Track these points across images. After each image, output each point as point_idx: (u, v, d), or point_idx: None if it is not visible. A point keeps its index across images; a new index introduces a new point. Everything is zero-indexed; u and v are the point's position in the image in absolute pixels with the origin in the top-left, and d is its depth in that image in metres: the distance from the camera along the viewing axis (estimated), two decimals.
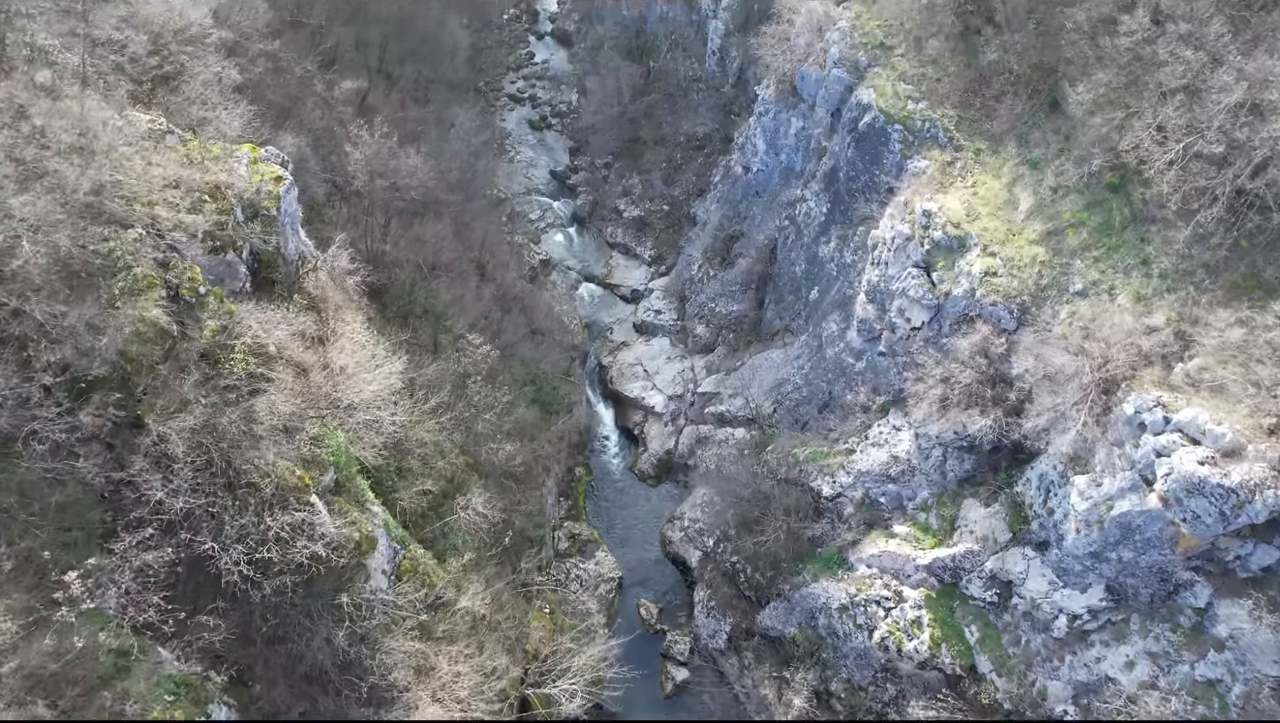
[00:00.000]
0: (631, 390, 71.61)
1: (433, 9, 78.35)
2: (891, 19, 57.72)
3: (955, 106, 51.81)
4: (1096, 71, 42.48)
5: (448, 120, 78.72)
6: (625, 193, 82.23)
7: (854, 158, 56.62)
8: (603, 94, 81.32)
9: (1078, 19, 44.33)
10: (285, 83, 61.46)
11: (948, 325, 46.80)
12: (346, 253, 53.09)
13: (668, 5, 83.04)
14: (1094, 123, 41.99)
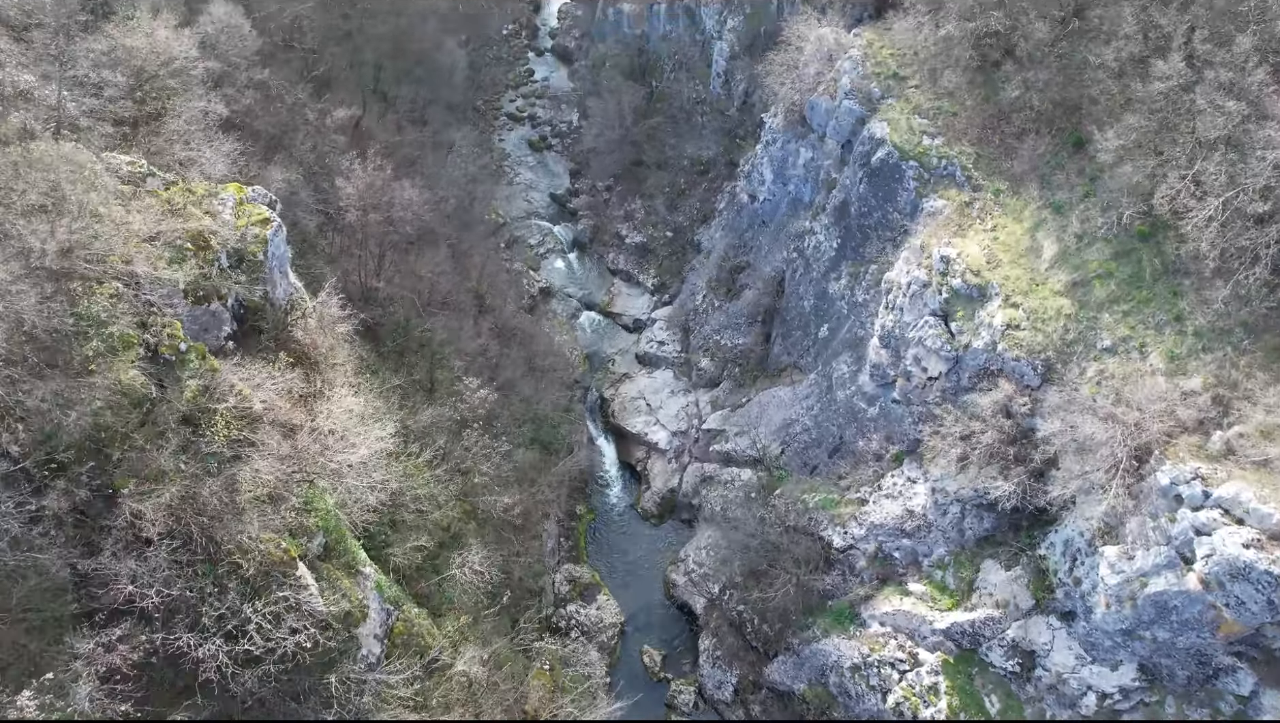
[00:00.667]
0: (634, 425, 69.46)
1: (429, 28, 76.13)
2: (905, 48, 55.52)
3: (973, 143, 49.62)
4: (1126, 115, 40.30)
5: (445, 144, 76.58)
6: (627, 217, 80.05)
7: (866, 193, 54.44)
8: (604, 117, 79.13)
9: (1105, 58, 42.12)
10: (275, 111, 59.26)
11: (967, 377, 44.64)
12: (337, 299, 50.98)
13: (671, 24, 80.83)
14: (1124, 171, 39.80)
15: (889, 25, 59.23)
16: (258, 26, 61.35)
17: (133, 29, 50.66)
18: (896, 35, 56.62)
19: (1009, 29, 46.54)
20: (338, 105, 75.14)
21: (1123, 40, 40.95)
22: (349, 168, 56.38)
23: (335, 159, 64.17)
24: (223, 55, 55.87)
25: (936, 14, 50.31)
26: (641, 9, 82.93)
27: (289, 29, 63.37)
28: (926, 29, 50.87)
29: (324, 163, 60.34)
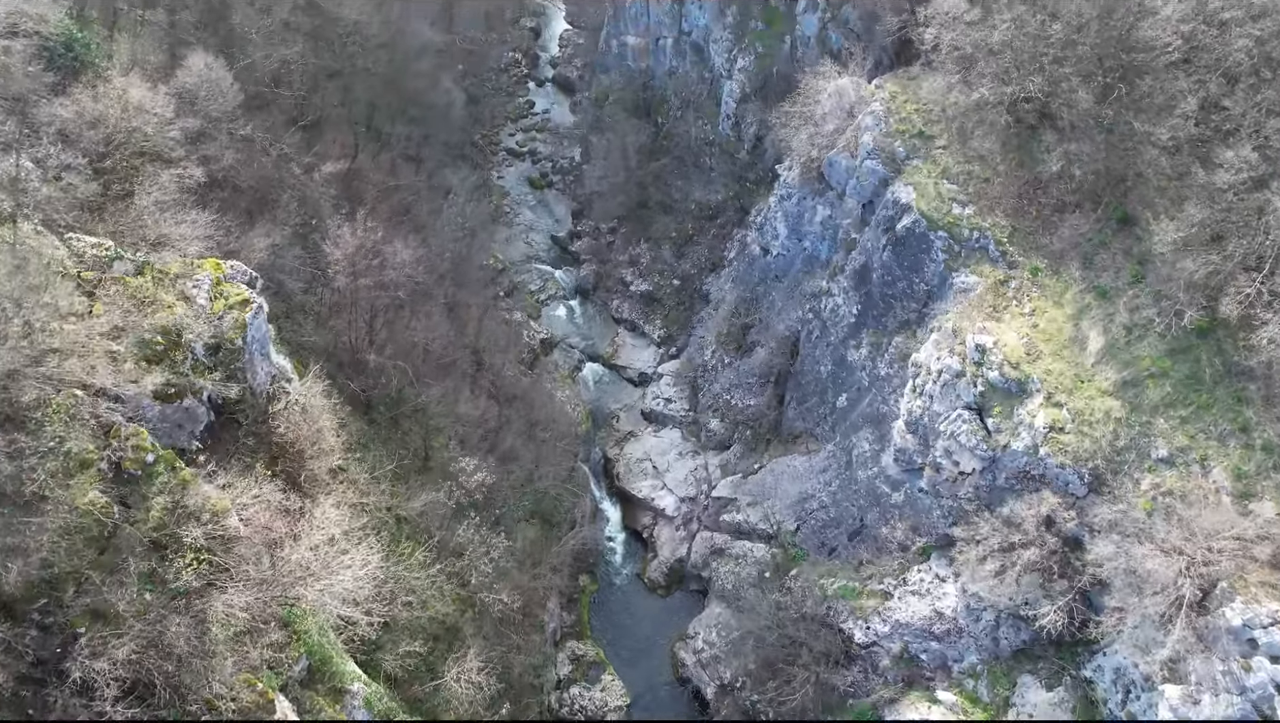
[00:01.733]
0: (640, 489, 65.96)
1: (423, 65, 72.58)
2: (931, 103, 51.97)
3: (1007, 215, 46.11)
4: (1186, 204, 36.79)
5: (442, 188, 73.04)
6: (632, 263, 76.51)
7: (890, 262, 50.92)
8: (607, 157, 75.52)
9: (1159, 137, 38.60)
10: (260, 166, 55.70)
11: (1003, 478, 41.18)
12: (323, 384, 47.64)
13: (677, 60, 77.25)
14: (1183, 266, 36.27)
15: (913, 74, 55.76)
16: (241, 76, 57.92)
17: (103, 92, 47.33)
18: (923, 89, 53.05)
19: (1048, 94, 43.00)
20: (329, 146, 71.68)
21: (1180, 119, 37.43)
22: (337, 232, 52.81)
23: (325, 214, 60.79)
24: (202, 110, 52.44)
25: (968, 73, 46.73)
26: (646, 43, 79.35)
27: (275, 75, 59.78)
28: (957, 90, 47.28)
29: (312, 222, 56.79)
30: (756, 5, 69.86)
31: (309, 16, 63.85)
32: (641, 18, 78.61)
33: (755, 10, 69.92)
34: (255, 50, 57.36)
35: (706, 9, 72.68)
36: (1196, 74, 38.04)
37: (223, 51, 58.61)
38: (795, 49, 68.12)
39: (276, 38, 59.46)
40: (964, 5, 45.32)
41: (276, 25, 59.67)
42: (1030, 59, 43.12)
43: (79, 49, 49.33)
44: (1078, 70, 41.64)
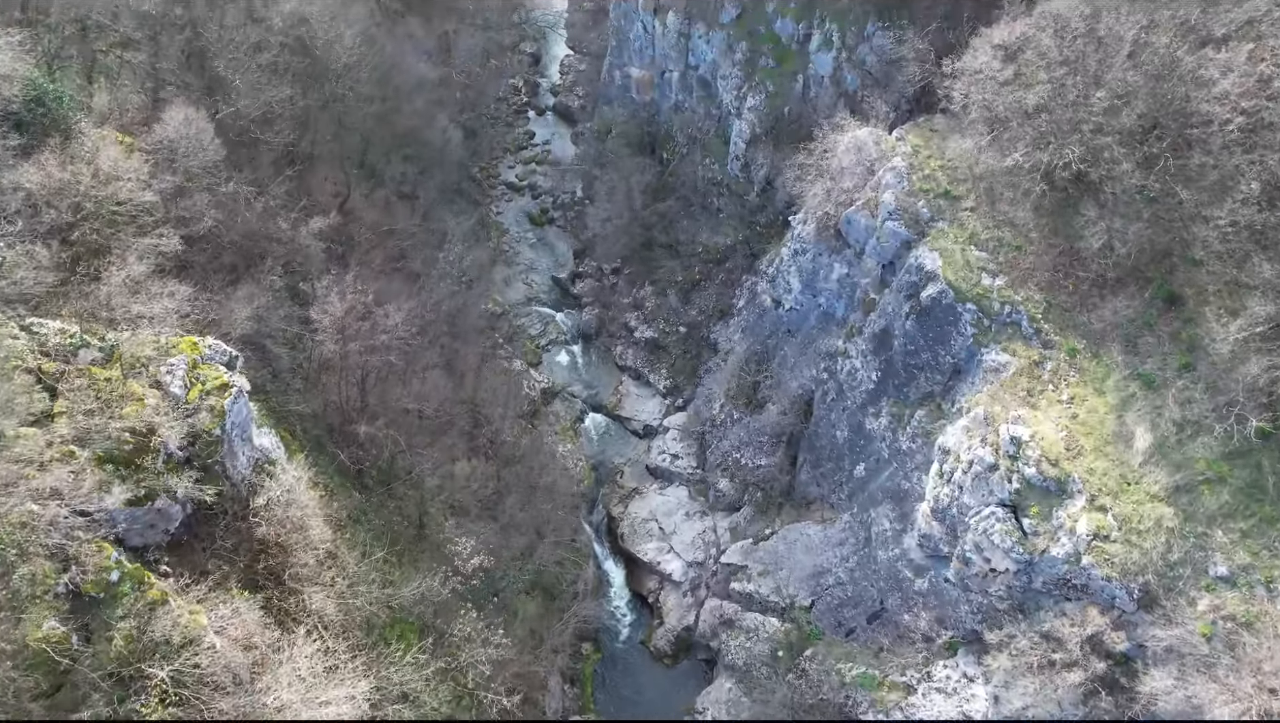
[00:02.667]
0: (645, 552, 62.88)
1: (417, 105, 69.41)
2: (957, 159, 48.86)
3: (1041, 288, 42.99)
4: (1249, 299, 33.68)
5: (439, 230, 69.87)
6: (636, 306, 73.37)
7: (914, 331, 47.82)
8: (611, 199, 72.39)
9: (1216, 219, 35.48)
10: (244, 222, 52.51)
11: (1040, 582, 38.13)
12: (309, 472, 44.62)
13: (683, 95, 74.06)
14: (1247, 369, 33.16)
15: (936, 125, 52.63)
16: (225, 125, 54.83)
17: (74, 152, 44.26)
18: (949, 146, 49.92)
19: (1088, 163, 39.85)
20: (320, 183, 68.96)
21: (1239, 202, 34.32)
22: (324, 297, 49.69)
23: (314, 270, 57.67)
24: (181, 167, 49.36)
25: (999, 135, 43.57)
26: (650, 76, 76.13)
27: (262, 118, 56.59)
28: (987, 153, 44.11)
29: (299, 285, 53.63)
30: (767, 42, 66.66)
31: (297, 56, 60.71)
32: (646, 50, 75.43)
33: (765, 47, 66.71)
34: (240, 98, 54.16)
35: (714, 44, 69.51)
36: (1258, 151, 34.91)
37: (207, 94, 55.68)
38: (808, 89, 64.96)
39: (264, 79, 56.30)
40: (996, 65, 42.13)
41: (264, 67, 56.51)
42: (1069, 125, 39.97)
43: (50, 103, 46.05)
44: (1122, 141, 38.52)
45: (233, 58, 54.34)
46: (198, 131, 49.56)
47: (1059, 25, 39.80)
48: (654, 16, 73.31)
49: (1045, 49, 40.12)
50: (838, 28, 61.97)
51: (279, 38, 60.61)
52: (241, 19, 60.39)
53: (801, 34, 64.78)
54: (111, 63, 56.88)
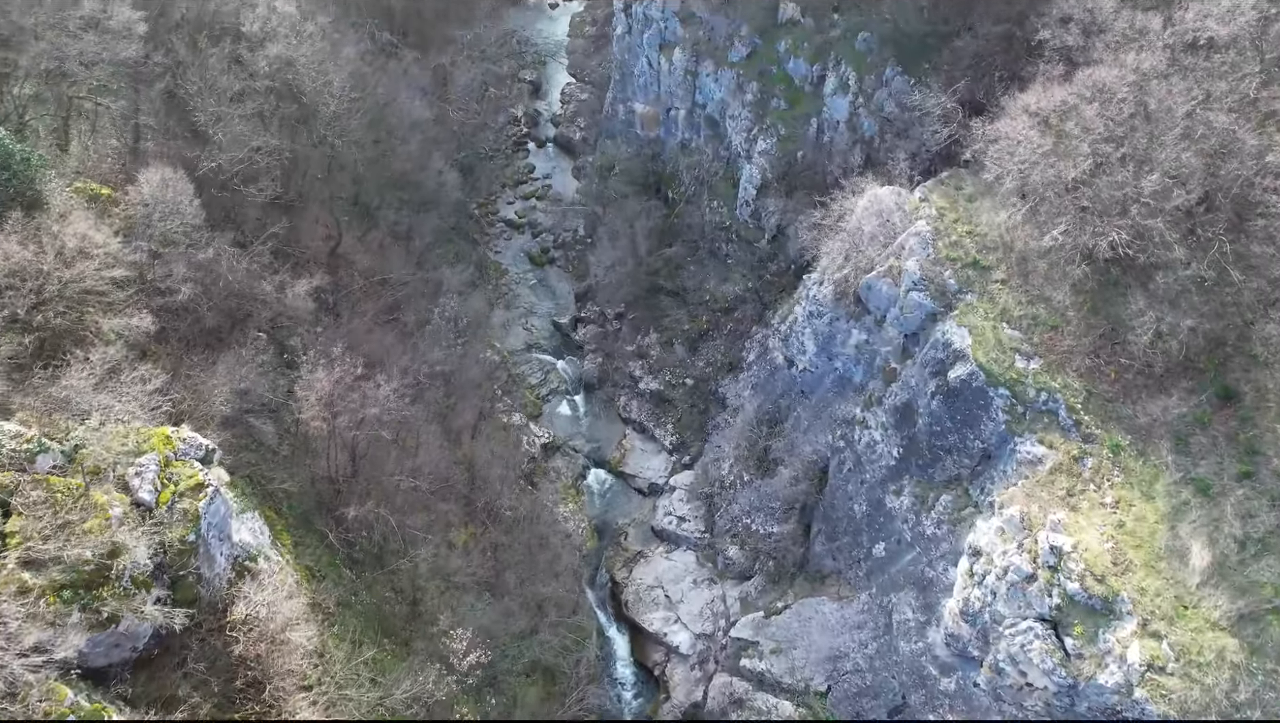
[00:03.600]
0: (651, 622, 59.77)
1: (411, 148, 66.21)
2: (985, 224, 45.69)
3: (1080, 375, 39.82)
4: None
5: (434, 279, 66.69)
6: (640, 355, 70.21)
7: (940, 412, 44.67)
8: (614, 243, 69.22)
9: None
10: (226, 286, 49.33)
11: (1085, 707, 34.98)
12: (293, 558, 41.71)
13: (690, 133, 70.83)
14: None
15: (961, 182, 49.48)
16: (207, 179, 51.74)
17: (40, 224, 41.22)
18: (979, 213, 46.72)
19: (1135, 246, 36.66)
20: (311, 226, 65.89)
21: None
22: (310, 371, 46.55)
23: (300, 332, 54.60)
24: (157, 233, 46.29)
25: (1036, 210, 40.37)
26: (656, 112, 72.95)
27: (245, 174, 53.38)
28: (1023, 229, 40.94)
29: (284, 356, 50.49)
30: (779, 83, 63.47)
31: (284, 102, 57.53)
32: (651, 86, 72.23)
33: (777, 88, 63.52)
34: (222, 152, 50.97)
35: (722, 83, 66.30)
36: None
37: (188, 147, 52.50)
38: (822, 133, 61.77)
39: (248, 130, 53.09)
40: (1033, 134, 38.92)
41: (249, 117, 53.32)
42: (1115, 204, 36.82)
43: (16, 166, 42.87)
44: (1174, 224, 35.36)
45: (214, 111, 51.14)
46: (175, 194, 46.53)
47: (1103, 97, 36.65)
48: (659, 53, 70.10)
49: (1089, 122, 36.96)
50: (854, 71, 58.77)
51: (265, 82, 57.56)
52: (225, 64, 57.33)
53: (815, 76, 61.60)
54: (89, 108, 53.90)
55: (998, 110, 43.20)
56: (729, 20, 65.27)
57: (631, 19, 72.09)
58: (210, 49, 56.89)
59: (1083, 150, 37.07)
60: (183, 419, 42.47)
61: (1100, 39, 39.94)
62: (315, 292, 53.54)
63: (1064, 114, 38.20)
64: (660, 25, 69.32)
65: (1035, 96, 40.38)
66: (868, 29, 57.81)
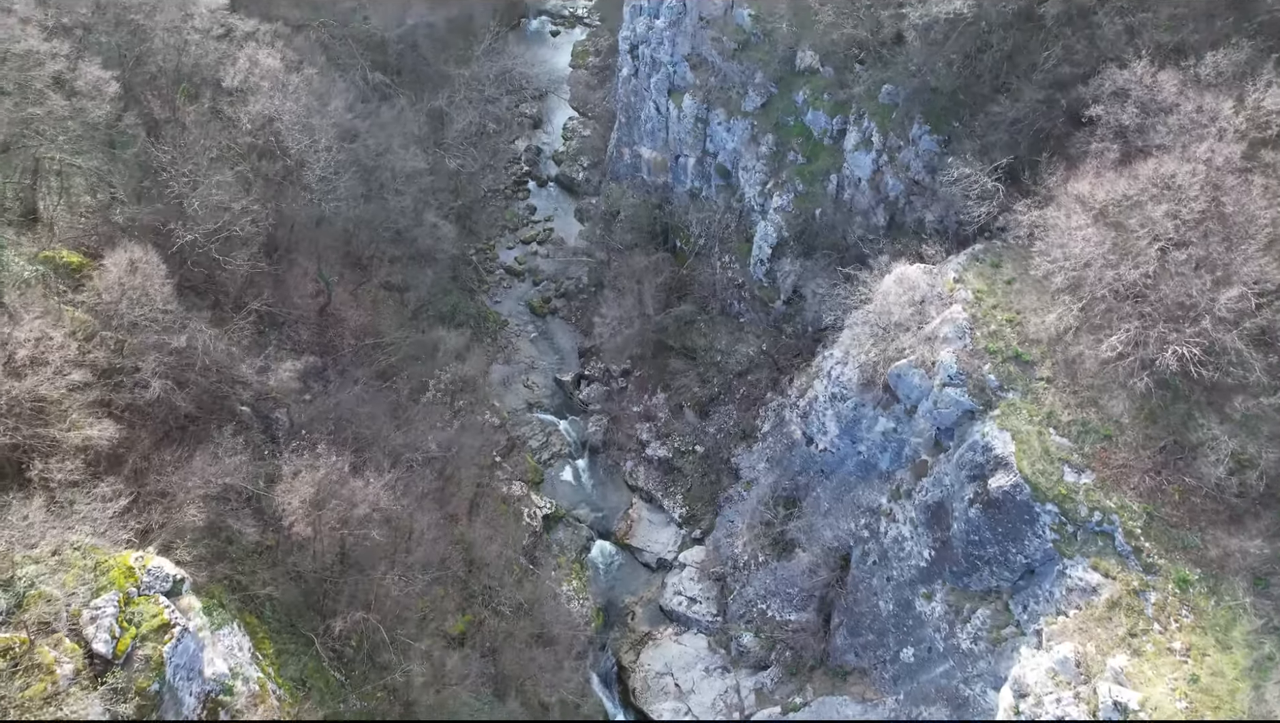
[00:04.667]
0: (660, 712, 56.03)
1: (405, 203, 62.35)
2: (1026, 310, 41.89)
3: (1140, 495, 36.04)
4: None
5: (430, 342, 62.84)
6: (648, 417, 66.44)
7: (979, 521, 40.89)
8: (620, 303, 65.37)
9: None
10: (201, 377, 45.53)
11: None
12: (275, 697, 38.03)
13: (700, 182, 67.00)
14: None
15: (997, 258, 45.68)
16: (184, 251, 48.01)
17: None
18: (1016, 290, 42.99)
19: (1209, 366, 32.83)
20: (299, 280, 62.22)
21: None
22: (292, 475, 42.77)
23: (285, 413, 50.90)
24: (126, 319, 42.53)
25: (1091, 312, 36.51)
26: (664, 159, 69.09)
27: (224, 243, 49.55)
28: (1077, 334, 37.07)
29: (265, 451, 46.69)
30: (796, 135, 59.58)
31: (266, 160, 53.71)
32: (659, 132, 68.33)
33: (795, 141, 59.63)
34: (200, 224, 47.12)
35: (735, 132, 62.41)
36: None
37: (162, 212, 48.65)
38: (842, 190, 57.89)
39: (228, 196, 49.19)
40: (1091, 232, 35.05)
41: (229, 184, 49.44)
42: (1185, 315, 33.00)
43: None
44: (1255, 341, 31.59)
45: (190, 179, 47.27)
46: (144, 279, 42.75)
47: (1173, 195, 32.83)
48: (668, 98, 66.20)
49: (1155, 222, 33.14)
50: (877, 126, 54.85)
51: (248, 139, 53.77)
52: (204, 121, 53.52)
53: (835, 129, 57.69)
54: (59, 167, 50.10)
55: (1044, 193, 39.37)
56: (742, 67, 61.36)
57: (638, 61, 68.19)
58: (188, 106, 53.16)
59: (1148, 253, 33.26)
60: (151, 536, 38.89)
61: (1162, 121, 36.09)
62: (301, 374, 49.78)
63: (1125, 208, 34.36)
64: (669, 70, 65.41)
65: (1089, 184, 36.51)
66: (892, 82, 53.87)
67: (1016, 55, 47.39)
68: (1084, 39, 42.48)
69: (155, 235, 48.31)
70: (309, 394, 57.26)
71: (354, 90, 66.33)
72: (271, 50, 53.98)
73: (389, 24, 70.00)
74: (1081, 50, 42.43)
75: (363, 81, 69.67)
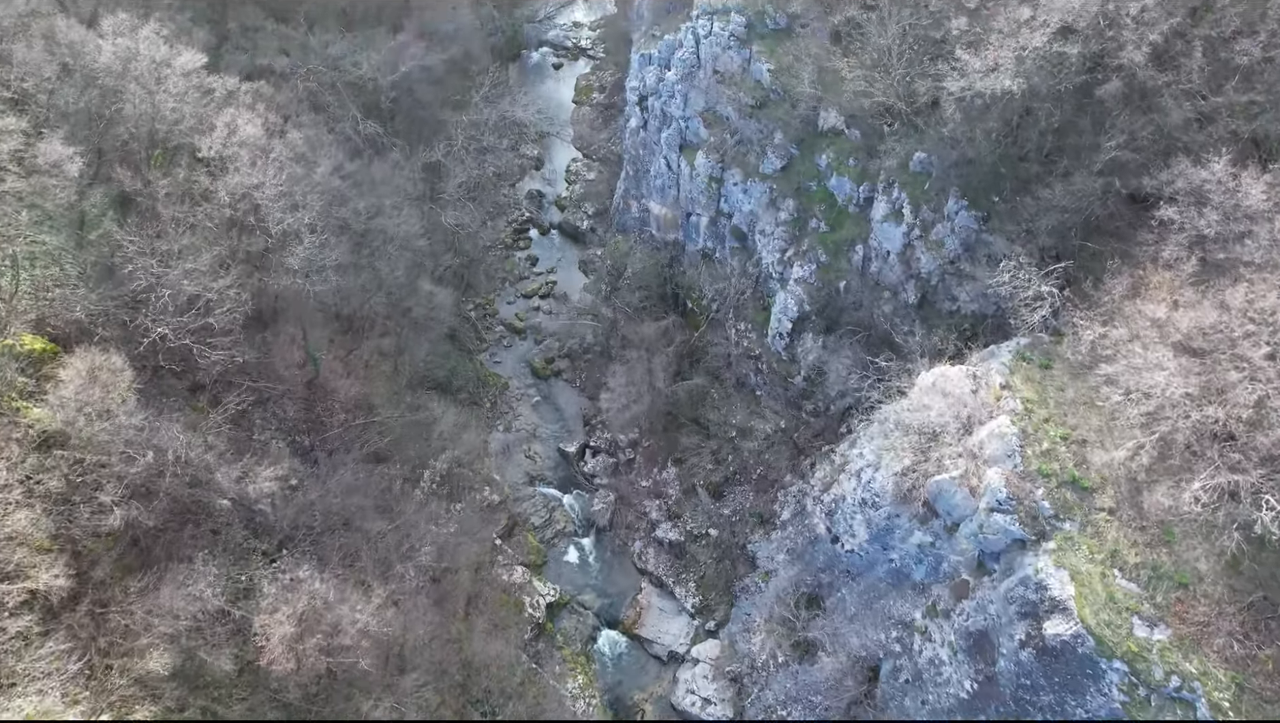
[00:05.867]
0: None
1: (398, 274, 58.12)
2: (1086, 430, 37.68)
3: (1227, 660, 31.86)
4: None
5: (425, 421, 58.68)
6: (657, 493, 62.31)
7: (1032, 667, 36.70)
8: (630, 376, 61.18)
9: None
10: (169, 493, 41.36)
11: None
12: None
13: (713, 242, 62.77)
14: None
15: (1048, 359, 41.45)
16: (155, 346, 43.88)
17: None
18: (1070, 398, 38.81)
19: None
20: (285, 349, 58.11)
21: None
22: (272, 607, 38.67)
23: (269, 504, 46.72)
24: (85, 435, 38.41)
25: (1169, 455, 32.22)
26: (674, 215, 64.90)
27: (199, 332, 45.37)
28: (1155, 484, 32.80)
29: (240, 571, 42.50)
30: (819, 202, 55.38)
31: (250, 236, 49.45)
32: (669, 189, 64.11)
33: (817, 207, 55.45)
34: (168, 320, 42.96)
35: (753, 195, 58.16)
36: None
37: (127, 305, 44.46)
38: (869, 262, 53.71)
39: (196, 284, 44.93)
40: (1170, 363, 30.81)
41: (202, 271, 45.19)
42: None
43: None
44: None
45: (160, 269, 43.06)
46: (105, 390, 38.62)
47: (1273, 334, 28.67)
48: (679, 154, 61.97)
49: (1253, 363, 28.97)
50: (909, 198, 50.66)
51: (227, 210, 49.53)
52: (181, 188, 49.34)
53: (862, 196, 53.48)
54: (21, 249, 45.88)
55: (1108, 305, 35.18)
56: (760, 125, 57.12)
57: (647, 113, 63.97)
58: (161, 177, 48.94)
59: (1242, 396, 29.11)
60: (109, 685, 34.84)
61: (1250, 234, 31.91)
62: (282, 478, 45.65)
63: (1213, 339, 30.22)
64: (681, 125, 61.17)
65: (1165, 306, 32.32)
66: (926, 150, 49.68)
67: (1066, 130, 43.23)
68: (1148, 124, 38.24)
69: (123, 328, 44.34)
70: (295, 479, 53.42)
71: (344, 146, 62.21)
72: (252, 115, 49.74)
73: (383, 70, 65.73)
74: (1146, 137, 38.21)
75: (354, 131, 65.50)
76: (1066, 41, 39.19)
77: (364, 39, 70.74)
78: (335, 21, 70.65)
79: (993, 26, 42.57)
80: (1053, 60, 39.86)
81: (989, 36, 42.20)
